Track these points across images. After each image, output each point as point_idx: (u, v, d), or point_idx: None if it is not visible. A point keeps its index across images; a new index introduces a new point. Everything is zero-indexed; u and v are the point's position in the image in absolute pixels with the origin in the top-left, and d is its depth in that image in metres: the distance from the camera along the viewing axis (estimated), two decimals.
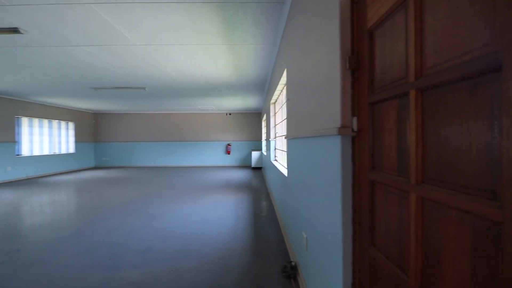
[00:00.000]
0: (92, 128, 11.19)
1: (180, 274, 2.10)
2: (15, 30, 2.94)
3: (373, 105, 0.95)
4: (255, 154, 9.94)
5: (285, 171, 3.14)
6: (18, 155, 7.60)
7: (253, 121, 11.29)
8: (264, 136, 9.04)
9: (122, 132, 11.26)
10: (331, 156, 1.18)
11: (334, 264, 1.17)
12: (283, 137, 3.77)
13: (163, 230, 3.17)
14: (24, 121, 7.88)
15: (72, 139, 9.92)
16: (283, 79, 3.25)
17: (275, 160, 5.04)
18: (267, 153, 6.58)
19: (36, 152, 8.32)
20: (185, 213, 3.87)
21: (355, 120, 1.05)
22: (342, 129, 1.04)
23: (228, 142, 11.22)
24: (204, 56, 3.90)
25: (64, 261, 2.35)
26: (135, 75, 5.00)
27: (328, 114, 1.25)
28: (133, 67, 4.46)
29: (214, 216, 3.74)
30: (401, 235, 0.78)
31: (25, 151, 7.89)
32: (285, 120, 3.36)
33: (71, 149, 9.87)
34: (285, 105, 3.63)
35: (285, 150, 3.61)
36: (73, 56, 3.84)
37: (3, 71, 4.68)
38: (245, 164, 11.23)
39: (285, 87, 3.61)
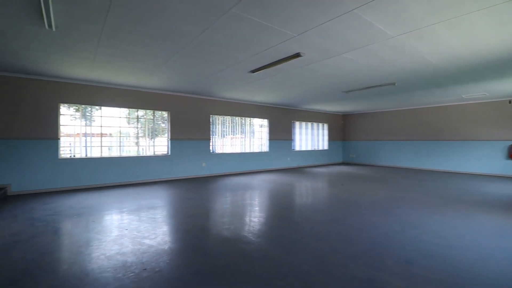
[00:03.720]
0: (341, 128, 12.59)
1: None
2: (297, 55, 3.89)
3: None
4: None
5: None
6: (293, 149, 10.36)
7: None
8: None
9: (367, 131, 11.56)
10: None
11: None
12: None
13: (426, 243, 2.71)
14: (296, 124, 10.57)
15: (326, 138, 11.85)
16: None
17: None
18: None
19: (303, 148, 10.85)
20: (451, 231, 3.08)
21: None
22: None
23: None
24: (485, 23, 2.84)
25: (331, 243, 2.72)
26: (385, 71, 4.81)
27: None
28: (384, 63, 4.30)
29: (503, 247, 2.62)
30: None
31: (297, 146, 10.59)
32: None
33: (325, 146, 11.81)
34: None
35: None
36: (332, 65, 4.43)
37: (287, 87, 6.49)
38: None
39: None
